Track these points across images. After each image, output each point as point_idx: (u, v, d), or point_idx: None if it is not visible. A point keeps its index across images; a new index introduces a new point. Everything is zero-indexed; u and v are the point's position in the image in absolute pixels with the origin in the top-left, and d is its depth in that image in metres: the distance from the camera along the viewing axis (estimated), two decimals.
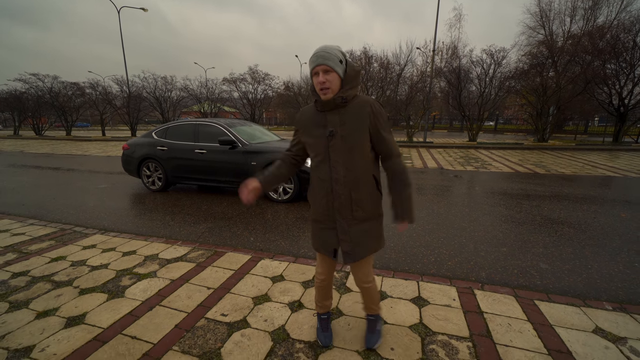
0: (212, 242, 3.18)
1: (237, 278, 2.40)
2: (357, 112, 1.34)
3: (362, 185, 1.41)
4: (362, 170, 1.39)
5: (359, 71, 1.38)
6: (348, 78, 1.33)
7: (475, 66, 13.59)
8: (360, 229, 1.46)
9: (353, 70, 1.34)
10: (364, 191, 1.42)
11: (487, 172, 7.34)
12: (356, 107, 1.35)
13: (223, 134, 4.86)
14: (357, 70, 1.36)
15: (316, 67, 1.30)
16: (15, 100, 19.73)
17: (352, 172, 1.38)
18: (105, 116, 20.51)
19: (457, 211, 4.19)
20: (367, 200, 1.43)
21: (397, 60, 16.71)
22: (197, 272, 2.51)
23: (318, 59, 1.28)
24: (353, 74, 1.34)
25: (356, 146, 1.36)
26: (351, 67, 1.34)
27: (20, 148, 13.75)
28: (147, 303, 2.07)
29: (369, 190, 1.42)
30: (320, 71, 1.29)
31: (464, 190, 5.46)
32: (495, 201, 4.70)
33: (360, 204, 1.42)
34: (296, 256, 2.81)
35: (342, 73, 1.32)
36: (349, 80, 1.33)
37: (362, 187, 1.41)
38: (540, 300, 2.10)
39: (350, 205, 1.42)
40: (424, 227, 3.55)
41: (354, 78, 1.35)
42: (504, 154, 11.05)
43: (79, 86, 18.90)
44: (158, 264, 2.65)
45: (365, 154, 1.38)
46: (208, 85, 17.71)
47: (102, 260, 2.71)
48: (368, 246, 1.48)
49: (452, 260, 2.74)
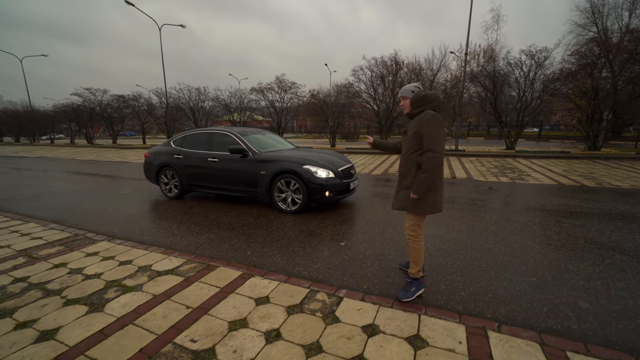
0: (208, 254, 3.08)
1: (220, 297, 2.25)
2: (416, 120, 2.16)
3: (408, 165, 2.21)
4: (409, 156, 2.22)
5: (423, 96, 2.17)
6: (414, 103, 2.21)
7: (513, 68, 12.56)
8: (400, 193, 2.30)
9: (417, 97, 2.19)
10: (408, 169, 2.22)
11: (524, 184, 6.59)
12: (419, 117, 2.15)
13: (234, 142, 4.85)
14: (420, 96, 2.18)
15: (399, 97, 2.33)
16: (72, 112, 22.03)
17: (405, 157, 2.26)
18: (146, 125, 22.13)
19: (482, 229, 3.71)
20: (409, 176, 2.21)
21: (429, 66, 16.11)
22: (182, 287, 2.40)
23: (400, 93, 2.32)
24: (416, 99, 2.19)
25: (407, 140, 2.24)
26: (417, 95, 2.20)
27: (72, 155, 15.19)
28: (121, 320, 1.98)
29: (412, 170, 2.19)
30: (401, 99, 2.31)
31: (493, 205, 4.89)
32: (530, 218, 4.12)
33: (405, 176, 2.25)
34: (289, 275, 2.60)
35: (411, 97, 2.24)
36: (414, 104, 2.20)
37: (407, 166, 2.22)
38: (575, 352, 1.67)
39: (399, 176, 2.32)
40: (438, 247, 3.15)
41: (417, 101, 2.19)
42: (547, 163, 9.96)
43: (124, 99, 20.63)
44: (148, 276, 2.59)
45: (412, 146, 2.18)
46: (237, 95, 18.38)
47: (97, 269, 2.71)
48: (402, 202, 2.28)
49: (466, 289, 2.35)
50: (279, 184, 4.46)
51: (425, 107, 2.15)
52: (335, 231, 3.70)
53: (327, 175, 4.34)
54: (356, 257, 2.95)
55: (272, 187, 4.51)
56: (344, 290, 2.33)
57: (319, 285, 2.40)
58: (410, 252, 2.30)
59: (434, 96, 2.18)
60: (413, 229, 2.26)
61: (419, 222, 2.26)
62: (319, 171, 4.31)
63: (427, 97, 2.16)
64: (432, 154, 2.05)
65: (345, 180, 4.55)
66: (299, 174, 4.29)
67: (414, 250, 2.27)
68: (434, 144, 2.05)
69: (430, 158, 2.05)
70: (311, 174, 4.26)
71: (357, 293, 2.30)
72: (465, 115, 34.20)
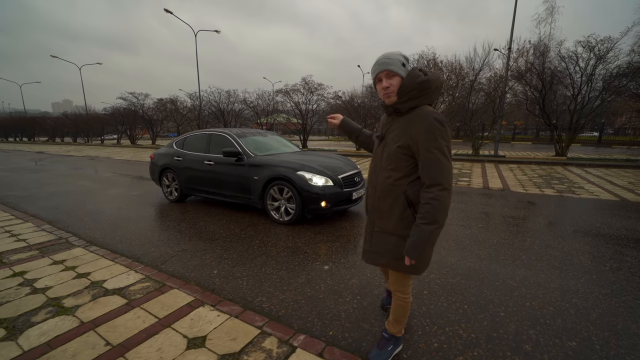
0: (172, 270, 2.74)
1: (151, 332, 1.86)
2: (406, 124, 1.31)
3: (389, 197, 1.40)
4: (393, 182, 1.37)
5: (424, 81, 1.27)
6: (404, 89, 1.30)
7: (566, 63, 10.93)
8: (379, 238, 1.48)
9: (412, 81, 1.28)
10: (391, 205, 1.40)
11: (574, 199, 5.47)
12: (411, 118, 1.31)
13: (229, 144, 4.54)
14: (418, 81, 1.27)
15: (379, 74, 1.34)
16: (118, 115, 23.92)
17: (385, 181, 1.41)
18: (181, 127, 23.27)
19: (508, 258, 2.94)
20: (393, 215, 1.40)
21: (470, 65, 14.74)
22: (118, 313, 2.06)
23: (380, 66, 1.33)
24: (411, 85, 1.28)
25: (391, 156, 1.37)
26: (411, 76, 1.29)
27: (111, 155, 16.31)
28: (25, 356, 1.67)
29: (397, 206, 1.38)
30: (383, 77, 1.33)
31: (530, 224, 4.00)
32: (577, 246, 3.24)
33: (383, 214, 1.44)
34: (246, 306, 2.15)
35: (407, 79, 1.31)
36: (404, 92, 1.30)
37: (387, 199, 1.41)
38: None
39: (374, 212, 1.49)
40: (444, 281, 2.49)
41: (412, 89, 1.29)
42: (606, 173, 8.40)
43: (162, 102, 21.90)
44: (93, 295, 2.30)
45: (398, 167, 1.35)
46: (264, 97, 18.50)
47: (49, 282, 2.49)
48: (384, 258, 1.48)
49: (467, 352, 1.70)
50: (272, 191, 4.05)
51: (423, 99, 1.32)
52: (324, 250, 3.18)
53: (324, 183, 3.83)
54: (335, 288, 2.40)
55: (265, 195, 4.10)
56: (302, 337, 1.81)
57: (274, 326, 1.92)
58: (393, 308, 1.63)
59: (437, 81, 1.33)
60: (401, 284, 1.55)
61: (410, 276, 1.57)
62: (314, 178, 3.82)
63: (430, 83, 1.29)
64: (440, 191, 1.23)
65: (346, 189, 4.00)
66: (292, 180, 3.83)
67: (400, 308, 1.61)
68: (442, 173, 1.23)
69: (439, 199, 1.23)
70: (305, 182, 3.78)
71: (318, 342, 1.77)
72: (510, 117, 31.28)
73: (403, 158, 1.33)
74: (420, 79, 1.28)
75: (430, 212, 1.24)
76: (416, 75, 1.29)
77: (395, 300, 1.61)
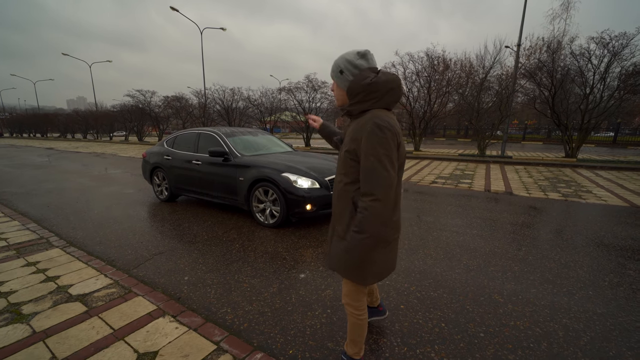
0: (142, 275, 2.65)
1: (100, 345, 1.76)
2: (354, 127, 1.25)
3: (341, 202, 1.35)
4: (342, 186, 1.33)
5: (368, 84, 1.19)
6: (351, 91, 1.25)
7: (578, 60, 10.46)
8: (335, 243, 1.39)
9: (358, 83, 1.22)
10: (342, 209, 1.34)
11: (580, 204, 5.19)
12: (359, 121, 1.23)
13: (217, 144, 4.44)
14: (364, 83, 1.20)
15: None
16: (126, 112, 24.21)
17: (338, 185, 1.37)
18: (186, 125, 23.39)
19: (499, 269, 2.75)
20: (342, 219, 1.34)
21: (481, 63, 14.28)
22: (74, 322, 1.97)
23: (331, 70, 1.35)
24: (357, 87, 1.23)
25: (341, 161, 1.34)
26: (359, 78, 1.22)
27: (117, 152, 16.49)
28: None
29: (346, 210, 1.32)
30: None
31: (528, 232, 3.78)
32: (576, 257, 3.02)
33: (337, 219, 1.39)
34: (209, 318, 2.03)
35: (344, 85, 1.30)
36: (352, 95, 1.25)
37: (339, 204, 1.36)
38: None
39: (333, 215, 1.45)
40: (424, 294, 2.32)
41: (357, 93, 1.23)
42: (617, 176, 8.01)
43: (167, 99, 22.03)
44: (55, 301, 2.22)
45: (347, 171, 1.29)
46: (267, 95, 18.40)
47: (15, 286, 2.43)
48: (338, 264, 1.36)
49: None
50: (257, 192, 3.93)
51: (375, 103, 1.21)
52: (305, 256, 3.05)
53: (310, 186, 3.69)
54: (306, 300, 2.27)
55: (251, 196, 3.99)
56: (259, 355, 1.69)
57: (231, 342, 1.79)
58: (349, 327, 1.52)
59: (389, 83, 1.20)
60: (352, 297, 1.43)
61: (361, 288, 1.43)
62: (299, 180, 3.68)
63: (378, 85, 1.18)
64: (372, 201, 1.14)
65: None
66: (277, 182, 3.70)
67: (355, 327, 1.48)
68: (376, 183, 1.13)
69: (369, 209, 1.15)
70: (290, 184, 3.65)
71: None
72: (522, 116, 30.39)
73: (350, 163, 1.26)
74: (366, 81, 1.20)
75: (361, 222, 1.18)
76: (363, 77, 1.21)
77: (349, 317, 1.49)
